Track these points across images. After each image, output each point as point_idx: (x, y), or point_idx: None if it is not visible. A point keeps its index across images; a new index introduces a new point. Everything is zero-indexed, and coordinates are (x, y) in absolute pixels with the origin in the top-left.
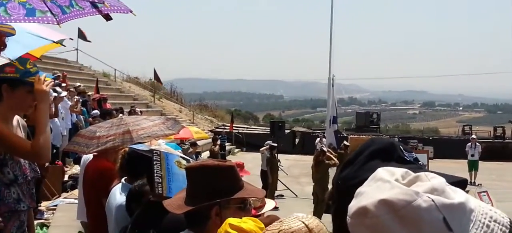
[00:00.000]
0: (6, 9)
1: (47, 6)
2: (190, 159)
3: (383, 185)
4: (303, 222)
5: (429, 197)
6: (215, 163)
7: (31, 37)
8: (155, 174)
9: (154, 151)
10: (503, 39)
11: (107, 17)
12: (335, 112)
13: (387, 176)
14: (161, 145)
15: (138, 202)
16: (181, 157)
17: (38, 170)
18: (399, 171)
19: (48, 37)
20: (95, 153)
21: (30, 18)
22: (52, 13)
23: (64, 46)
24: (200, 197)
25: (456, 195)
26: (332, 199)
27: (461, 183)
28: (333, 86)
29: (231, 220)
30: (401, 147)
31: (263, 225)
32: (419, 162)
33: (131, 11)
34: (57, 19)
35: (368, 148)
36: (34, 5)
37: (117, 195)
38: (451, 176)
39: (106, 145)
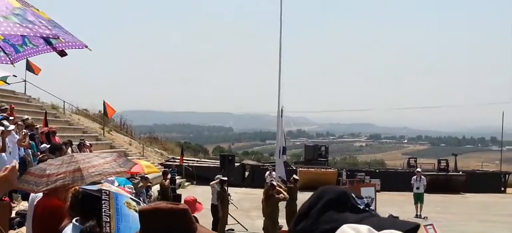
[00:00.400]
0: None
1: (0, 46)
2: (140, 201)
3: None
4: None
5: None
6: (169, 206)
7: None
8: (103, 214)
9: (103, 191)
10: (447, 73)
11: (62, 53)
12: (284, 143)
13: None
14: (112, 186)
15: None
16: (130, 198)
17: None
18: (363, 228)
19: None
20: (44, 192)
21: None
22: (5, 52)
23: (8, 83)
24: None
25: None
26: None
27: (415, 229)
28: (282, 117)
29: None
30: (352, 195)
31: None
32: (371, 208)
33: (86, 46)
34: (11, 59)
35: (321, 199)
36: None
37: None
38: (406, 223)
39: (56, 183)
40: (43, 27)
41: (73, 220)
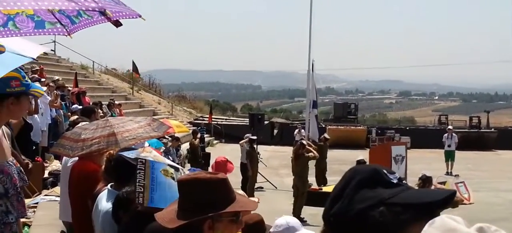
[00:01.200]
0: (14, 23)
1: (56, 17)
2: (179, 167)
3: None
4: None
5: None
6: (208, 176)
7: (12, 56)
8: (138, 183)
9: (139, 160)
10: (478, 30)
11: (117, 24)
12: (315, 97)
13: (468, 229)
14: (152, 151)
15: (126, 210)
16: (169, 165)
17: (26, 178)
18: (460, 220)
19: (28, 55)
20: (80, 156)
21: (40, 30)
22: (61, 24)
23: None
24: (192, 210)
25: None
26: None
27: (452, 196)
28: (312, 71)
29: None
30: (384, 171)
31: None
32: (404, 183)
33: (140, 16)
34: (67, 30)
35: (353, 179)
36: (43, 17)
37: (104, 202)
38: (441, 192)
39: (91, 148)
40: (89, 0)
41: (108, 186)
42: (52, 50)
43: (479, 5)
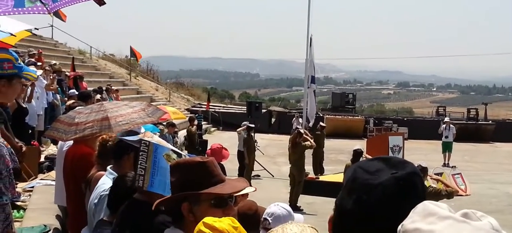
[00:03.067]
0: None
1: None
2: (182, 152)
3: (458, 224)
4: None
5: None
6: (187, 160)
7: None
8: (139, 166)
9: (143, 141)
10: (476, 22)
11: (101, 2)
12: (313, 72)
13: (451, 213)
14: (155, 136)
15: (123, 198)
16: (172, 150)
17: (17, 160)
18: (445, 206)
19: (6, 30)
20: (73, 140)
21: (19, 9)
22: (41, 1)
23: (34, 33)
24: (173, 193)
25: None
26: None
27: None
28: (311, 45)
29: (207, 219)
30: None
31: (238, 225)
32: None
33: None
34: (48, 8)
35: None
36: None
37: (101, 185)
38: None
39: (84, 132)
40: None
41: (108, 167)
42: (36, 28)
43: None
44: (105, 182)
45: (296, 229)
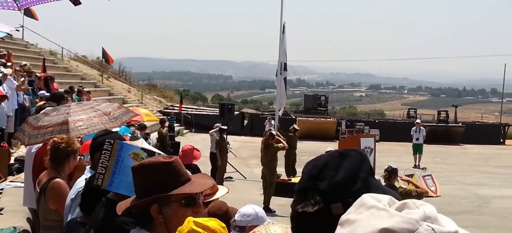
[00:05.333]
0: None
1: None
2: (156, 151)
3: (378, 212)
4: None
5: (428, 226)
6: (152, 161)
7: None
8: (100, 164)
9: (107, 140)
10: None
11: (76, 2)
12: (285, 60)
13: (378, 203)
14: (138, 141)
15: (96, 194)
16: (142, 149)
17: None
18: (385, 198)
19: (2, 29)
20: (34, 145)
21: None
22: None
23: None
24: (141, 196)
25: (449, 224)
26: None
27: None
28: (283, 33)
29: (197, 219)
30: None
31: (224, 225)
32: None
33: None
34: (18, 5)
35: (363, 163)
36: None
37: (79, 182)
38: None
39: (44, 136)
40: None
41: (87, 166)
42: (17, 30)
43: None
44: (82, 179)
45: (279, 230)
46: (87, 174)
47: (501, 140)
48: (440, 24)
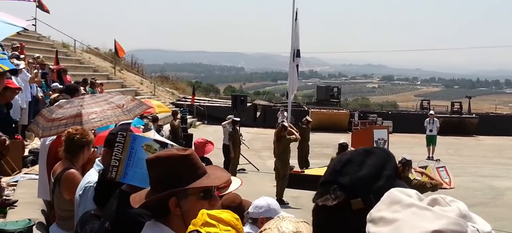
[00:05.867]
0: None
1: None
2: (169, 142)
3: (421, 212)
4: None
5: (473, 227)
6: (169, 153)
7: (3, 26)
8: (113, 157)
9: (119, 132)
10: (459, 15)
11: None
12: (298, 46)
13: (414, 200)
14: (150, 132)
15: (110, 187)
16: (154, 140)
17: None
18: (413, 193)
19: (17, 24)
20: (48, 137)
21: None
22: None
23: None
24: (157, 189)
25: (483, 223)
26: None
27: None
28: (296, 19)
29: (210, 211)
30: None
31: (238, 216)
32: None
33: None
34: None
35: (388, 162)
36: None
37: (86, 176)
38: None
39: (58, 129)
40: None
41: (97, 160)
42: (33, 24)
43: None
44: (91, 174)
45: (291, 226)
46: (95, 168)
47: None
48: (454, 15)
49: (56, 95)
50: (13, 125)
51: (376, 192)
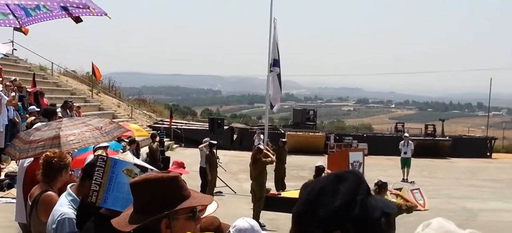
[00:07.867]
0: None
1: (10, 9)
2: (149, 167)
3: None
4: None
5: None
6: (159, 176)
7: None
8: (94, 181)
9: (100, 157)
10: (434, 41)
11: (78, 20)
12: (277, 55)
13: (461, 230)
14: (128, 154)
15: (91, 210)
16: (135, 165)
17: None
18: (453, 224)
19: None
20: (25, 158)
21: None
22: (14, 15)
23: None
24: (146, 212)
25: None
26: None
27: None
28: (274, 28)
29: None
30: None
31: None
32: None
33: (105, 14)
34: (20, 22)
35: (359, 185)
36: None
37: (58, 208)
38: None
39: (35, 150)
40: None
41: (68, 187)
42: (15, 49)
43: (435, 14)
44: (62, 203)
45: None
46: (67, 197)
47: (488, 154)
48: (427, 39)
49: (33, 118)
50: None
51: (353, 221)
